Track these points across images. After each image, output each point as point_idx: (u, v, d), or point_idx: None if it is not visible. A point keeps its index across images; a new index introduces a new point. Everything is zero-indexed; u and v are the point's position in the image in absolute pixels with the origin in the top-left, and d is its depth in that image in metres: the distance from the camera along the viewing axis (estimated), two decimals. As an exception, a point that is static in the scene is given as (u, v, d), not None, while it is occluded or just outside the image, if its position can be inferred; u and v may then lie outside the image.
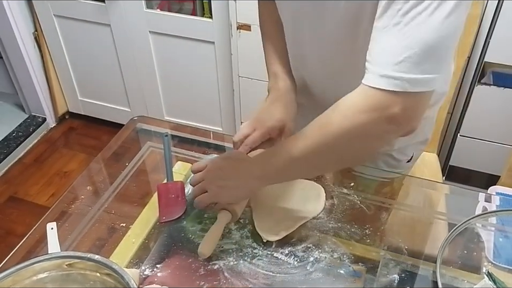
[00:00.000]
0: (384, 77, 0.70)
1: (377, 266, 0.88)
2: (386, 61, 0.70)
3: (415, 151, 1.14)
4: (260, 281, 0.85)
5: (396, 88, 0.69)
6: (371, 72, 0.72)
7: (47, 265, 0.75)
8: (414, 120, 0.75)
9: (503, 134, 1.91)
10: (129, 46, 2.28)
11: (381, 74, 0.70)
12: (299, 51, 0.99)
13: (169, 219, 0.97)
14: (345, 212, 0.97)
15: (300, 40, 0.96)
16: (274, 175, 0.87)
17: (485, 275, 0.85)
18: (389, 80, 0.69)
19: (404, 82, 0.69)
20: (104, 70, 2.45)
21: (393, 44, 0.69)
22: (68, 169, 2.46)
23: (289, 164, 0.83)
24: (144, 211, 1.00)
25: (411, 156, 1.14)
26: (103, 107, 2.62)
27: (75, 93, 2.63)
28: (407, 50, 0.68)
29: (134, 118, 1.26)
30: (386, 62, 0.70)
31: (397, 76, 0.69)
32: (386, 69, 0.70)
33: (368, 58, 0.73)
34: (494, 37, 1.64)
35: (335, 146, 0.77)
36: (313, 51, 0.95)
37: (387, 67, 0.70)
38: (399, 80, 0.69)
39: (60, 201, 1.03)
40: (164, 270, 0.88)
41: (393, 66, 0.69)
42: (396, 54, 0.69)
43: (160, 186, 1.02)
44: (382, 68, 0.70)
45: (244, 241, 0.92)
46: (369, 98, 0.72)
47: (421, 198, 1.08)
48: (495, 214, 0.98)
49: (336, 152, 0.79)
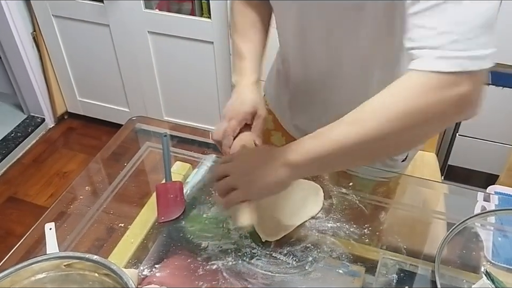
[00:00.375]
0: (443, 58, 0.66)
1: (376, 266, 0.88)
2: (440, 42, 0.66)
3: (411, 150, 1.14)
4: (258, 281, 0.85)
5: (458, 68, 0.65)
6: (426, 55, 0.67)
7: (46, 265, 0.75)
8: (478, 100, 0.70)
9: (502, 133, 1.91)
10: (128, 46, 2.28)
11: (437, 56, 0.66)
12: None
13: (168, 219, 0.97)
14: (343, 212, 0.97)
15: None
16: (309, 164, 0.77)
17: (483, 274, 0.85)
18: (449, 60, 0.65)
19: (465, 60, 0.65)
20: (103, 70, 2.45)
21: (441, 24, 0.66)
22: (67, 170, 2.46)
23: (333, 152, 0.75)
24: (143, 211, 1.00)
25: (406, 155, 1.14)
26: (102, 107, 2.62)
27: (74, 93, 2.62)
28: (459, 26, 0.65)
29: (133, 118, 1.26)
30: (440, 43, 0.66)
31: (456, 55, 0.65)
32: (443, 51, 0.66)
33: (413, 45, 0.68)
34: (492, 37, 1.64)
35: (395, 130, 0.70)
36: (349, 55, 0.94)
37: (443, 48, 0.66)
38: (460, 58, 0.65)
39: (59, 201, 1.03)
40: (162, 270, 0.88)
41: (449, 45, 0.65)
42: (447, 33, 0.65)
43: (159, 186, 1.02)
44: (437, 50, 0.66)
45: (243, 241, 0.92)
46: (433, 80, 0.67)
47: (420, 197, 1.08)
48: (493, 214, 0.98)
49: (394, 138, 0.72)
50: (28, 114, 2.72)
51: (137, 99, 2.49)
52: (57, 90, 2.62)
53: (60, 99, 2.67)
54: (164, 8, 2.15)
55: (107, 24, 2.24)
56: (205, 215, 0.98)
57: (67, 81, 2.58)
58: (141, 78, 2.39)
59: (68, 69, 2.52)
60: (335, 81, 0.99)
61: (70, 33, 2.37)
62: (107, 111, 2.62)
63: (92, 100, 2.62)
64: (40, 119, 2.68)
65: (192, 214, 0.98)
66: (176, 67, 2.27)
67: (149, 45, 2.24)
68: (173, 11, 2.14)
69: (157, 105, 2.46)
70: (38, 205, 2.26)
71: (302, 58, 1.01)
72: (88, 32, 2.32)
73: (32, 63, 2.48)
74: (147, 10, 2.13)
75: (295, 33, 0.97)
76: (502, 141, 1.93)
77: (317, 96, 1.06)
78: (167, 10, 2.15)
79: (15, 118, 2.70)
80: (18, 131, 2.61)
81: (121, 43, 2.29)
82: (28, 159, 2.53)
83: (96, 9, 2.21)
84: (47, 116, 2.69)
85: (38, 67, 2.53)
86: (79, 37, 2.36)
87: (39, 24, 2.38)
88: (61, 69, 2.54)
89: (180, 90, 2.36)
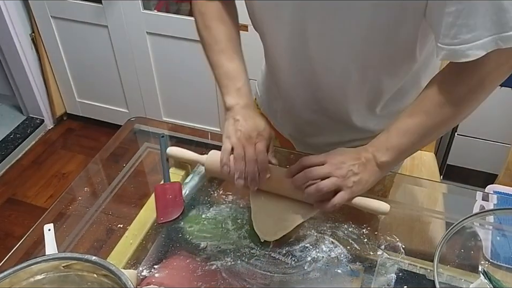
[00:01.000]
0: (488, 41, 0.73)
1: (374, 266, 0.88)
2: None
3: None
4: (257, 281, 0.85)
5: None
6: (467, 43, 0.75)
7: (44, 266, 0.75)
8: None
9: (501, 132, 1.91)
10: (127, 47, 2.28)
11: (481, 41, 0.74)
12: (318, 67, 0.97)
13: (167, 220, 0.97)
14: (342, 212, 0.97)
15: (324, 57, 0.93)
16: (397, 159, 0.89)
17: (481, 273, 0.85)
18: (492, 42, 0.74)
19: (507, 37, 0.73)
20: (102, 72, 2.45)
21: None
22: (66, 171, 2.46)
23: (413, 143, 0.87)
24: (142, 212, 1.00)
25: None
26: (101, 108, 2.62)
27: (73, 94, 2.62)
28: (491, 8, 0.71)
29: (132, 119, 1.26)
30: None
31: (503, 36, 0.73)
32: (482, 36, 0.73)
33: (449, 41, 0.76)
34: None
35: (462, 108, 0.86)
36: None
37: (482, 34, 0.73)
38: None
39: (58, 202, 1.03)
40: (161, 270, 0.88)
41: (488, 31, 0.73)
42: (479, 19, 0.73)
43: (158, 187, 1.02)
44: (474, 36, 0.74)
45: (242, 241, 0.92)
46: (492, 57, 0.76)
47: (419, 197, 1.08)
48: (492, 213, 0.99)
49: (461, 115, 0.87)
50: (27, 115, 2.72)
51: (136, 100, 2.49)
52: (56, 91, 2.62)
53: (59, 101, 2.67)
54: (162, 9, 2.15)
55: (106, 25, 2.24)
56: (204, 215, 0.98)
57: (66, 82, 2.58)
58: (139, 79, 2.39)
59: (67, 71, 2.52)
60: (329, 80, 0.99)
61: (69, 34, 2.37)
62: (106, 112, 2.62)
63: (91, 101, 2.62)
64: (39, 120, 2.68)
65: (191, 215, 0.98)
66: (175, 68, 2.28)
67: (148, 46, 2.24)
68: (171, 12, 2.14)
69: (156, 105, 2.46)
70: (37, 206, 2.26)
71: (294, 64, 1.00)
72: (87, 34, 2.32)
73: (31, 65, 2.48)
74: (146, 11, 2.13)
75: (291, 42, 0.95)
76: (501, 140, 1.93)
77: (306, 100, 1.06)
78: (166, 11, 2.15)
79: (14, 119, 2.70)
80: (17, 132, 2.61)
81: (119, 44, 2.29)
82: (27, 160, 2.53)
83: (95, 10, 2.21)
84: (46, 118, 2.69)
85: (37, 69, 2.53)
86: (78, 38, 2.36)
87: (38, 25, 2.39)
88: (60, 70, 2.54)
89: (179, 91, 2.36)
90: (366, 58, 0.91)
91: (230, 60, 0.97)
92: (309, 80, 0.99)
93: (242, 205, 1.00)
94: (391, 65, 0.93)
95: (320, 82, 0.99)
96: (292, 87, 1.05)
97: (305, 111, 1.08)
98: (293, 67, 0.99)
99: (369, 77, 0.95)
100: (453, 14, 0.74)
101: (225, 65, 0.97)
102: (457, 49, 0.76)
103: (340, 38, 0.88)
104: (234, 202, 1.01)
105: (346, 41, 0.88)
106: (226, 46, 0.98)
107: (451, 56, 0.78)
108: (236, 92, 0.96)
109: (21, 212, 2.25)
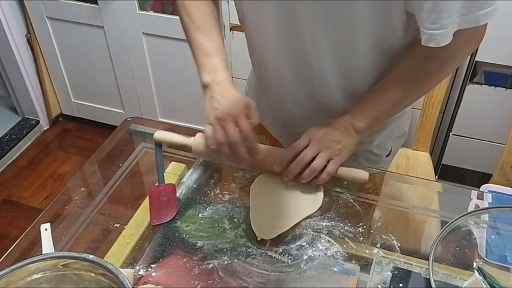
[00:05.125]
0: (467, 20, 0.80)
1: (370, 264, 0.89)
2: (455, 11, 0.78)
3: (394, 145, 1.16)
4: (254, 280, 0.86)
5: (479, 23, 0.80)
6: (448, 22, 0.79)
7: (42, 265, 0.75)
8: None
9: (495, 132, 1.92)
10: (123, 48, 2.28)
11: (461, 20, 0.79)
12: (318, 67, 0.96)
13: (160, 222, 0.96)
14: (338, 211, 0.98)
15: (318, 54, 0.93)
16: (372, 126, 0.97)
17: (475, 270, 0.86)
18: (470, 20, 0.80)
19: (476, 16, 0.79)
20: (98, 72, 2.45)
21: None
22: (62, 172, 2.45)
23: (388, 112, 0.98)
24: (138, 211, 1.00)
25: (390, 150, 1.15)
26: (97, 109, 2.61)
27: (69, 95, 2.62)
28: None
29: (128, 119, 1.25)
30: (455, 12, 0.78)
31: (473, 16, 0.79)
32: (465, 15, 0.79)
33: (431, 25, 0.80)
34: (485, 37, 1.65)
35: (433, 80, 0.95)
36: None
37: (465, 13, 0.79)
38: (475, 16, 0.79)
39: (54, 203, 1.03)
40: (158, 270, 0.88)
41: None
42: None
43: (152, 189, 1.02)
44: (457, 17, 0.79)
45: (238, 240, 0.93)
46: (470, 34, 0.84)
47: (414, 196, 1.09)
48: (487, 212, 0.99)
49: (431, 84, 0.98)
50: (22, 116, 2.71)
51: (132, 101, 2.49)
52: (52, 92, 2.62)
53: (55, 101, 2.67)
54: (158, 9, 2.15)
55: (102, 25, 2.24)
56: (200, 215, 0.98)
57: (61, 83, 2.58)
58: (135, 80, 2.39)
59: (62, 71, 2.52)
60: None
61: (64, 35, 2.37)
62: (102, 113, 2.61)
63: (87, 102, 2.62)
64: (35, 121, 2.67)
65: (188, 214, 0.99)
66: (171, 68, 2.28)
67: (144, 47, 2.24)
68: (167, 12, 2.14)
69: (152, 106, 2.46)
70: (33, 207, 2.25)
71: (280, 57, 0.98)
72: (83, 34, 2.32)
73: (26, 66, 2.48)
74: (141, 11, 2.13)
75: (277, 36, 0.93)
76: (495, 140, 1.94)
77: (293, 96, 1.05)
78: (162, 11, 2.15)
79: (9, 120, 2.69)
80: (13, 133, 2.60)
81: (115, 44, 2.29)
82: (22, 161, 2.52)
83: (90, 11, 2.21)
84: (42, 119, 2.68)
85: (33, 69, 2.52)
86: (73, 39, 2.36)
87: (34, 26, 2.38)
88: (56, 71, 2.53)
89: (175, 91, 2.36)
90: (352, 44, 0.90)
91: (205, 37, 0.96)
92: (299, 69, 0.98)
93: (238, 204, 1.00)
94: (379, 49, 0.93)
95: (311, 71, 0.97)
96: (281, 79, 1.02)
97: (294, 106, 1.07)
98: (282, 55, 0.97)
99: (359, 62, 0.95)
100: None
101: (201, 42, 0.95)
102: (437, 34, 0.80)
103: (329, 22, 0.87)
104: (230, 201, 1.01)
105: (334, 25, 0.87)
106: (201, 24, 0.97)
107: (432, 40, 0.81)
108: (212, 68, 0.93)
109: (16, 213, 2.24)
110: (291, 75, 1.00)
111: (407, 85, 0.94)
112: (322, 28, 0.88)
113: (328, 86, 0.99)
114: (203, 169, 1.08)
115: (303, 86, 1.02)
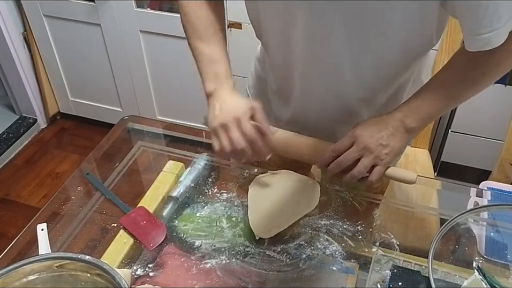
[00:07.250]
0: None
1: (369, 263, 0.88)
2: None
3: None
4: (252, 279, 0.85)
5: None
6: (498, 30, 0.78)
7: (37, 266, 0.74)
8: None
9: (494, 129, 1.92)
10: (120, 45, 2.27)
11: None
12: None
13: (157, 244, 0.92)
14: (337, 209, 0.97)
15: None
16: (423, 125, 0.91)
17: (475, 269, 0.86)
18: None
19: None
20: (95, 70, 2.44)
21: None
22: (60, 171, 2.45)
23: (439, 110, 0.91)
24: (136, 210, 1.00)
25: None
26: (95, 107, 2.60)
27: (66, 93, 2.61)
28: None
29: (125, 117, 1.25)
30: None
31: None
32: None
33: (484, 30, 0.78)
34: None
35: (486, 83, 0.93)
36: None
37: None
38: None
39: (51, 202, 1.02)
40: (156, 269, 0.88)
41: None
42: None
43: (124, 220, 0.96)
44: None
45: (236, 240, 0.92)
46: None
47: (413, 194, 1.08)
48: (486, 209, 0.99)
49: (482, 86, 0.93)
50: (20, 115, 2.70)
51: (129, 99, 2.48)
52: (49, 90, 2.61)
53: (52, 100, 2.66)
54: (155, 7, 2.14)
55: (99, 23, 2.23)
56: (198, 214, 0.98)
57: (59, 81, 2.57)
58: (133, 78, 2.38)
59: (60, 69, 2.51)
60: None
61: (61, 33, 2.36)
62: (100, 111, 2.60)
63: (84, 101, 2.61)
64: (32, 120, 2.66)
65: (185, 214, 0.98)
66: (168, 66, 2.27)
67: (141, 44, 2.23)
68: (164, 10, 2.13)
69: (150, 104, 2.45)
70: (31, 206, 2.25)
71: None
72: (80, 32, 2.31)
73: (23, 64, 2.47)
74: (139, 9, 2.12)
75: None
76: (494, 137, 1.94)
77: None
78: (159, 9, 2.14)
79: (6, 118, 2.68)
80: (10, 132, 2.60)
81: (113, 42, 2.28)
82: (20, 160, 2.52)
83: (88, 9, 2.20)
84: (40, 117, 2.67)
85: (30, 68, 2.51)
86: (70, 37, 2.35)
87: (30, 24, 2.37)
88: (53, 69, 2.52)
89: (173, 89, 2.35)
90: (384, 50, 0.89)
91: (208, 45, 0.94)
92: (326, 76, 0.96)
93: (236, 203, 1.00)
94: (409, 52, 0.92)
95: (341, 82, 0.96)
96: (307, 90, 1.01)
97: (320, 110, 1.04)
98: (309, 57, 0.93)
99: (383, 63, 0.93)
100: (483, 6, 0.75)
101: (204, 51, 0.94)
102: (488, 36, 0.78)
103: (363, 36, 0.86)
104: (228, 200, 1.00)
105: (366, 38, 0.86)
106: (204, 32, 0.95)
107: (485, 45, 0.80)
108: (214, 77, 0.92)
109: (14, 212, 2.23)
110: (318, 84, 0.98)
111: (459, 88, 0.90)
112: (355, 40, 0.87)
113: (351, 86, 0.98)
114: (200, 168, 1.08)
115: (330, 94, 0.99)
